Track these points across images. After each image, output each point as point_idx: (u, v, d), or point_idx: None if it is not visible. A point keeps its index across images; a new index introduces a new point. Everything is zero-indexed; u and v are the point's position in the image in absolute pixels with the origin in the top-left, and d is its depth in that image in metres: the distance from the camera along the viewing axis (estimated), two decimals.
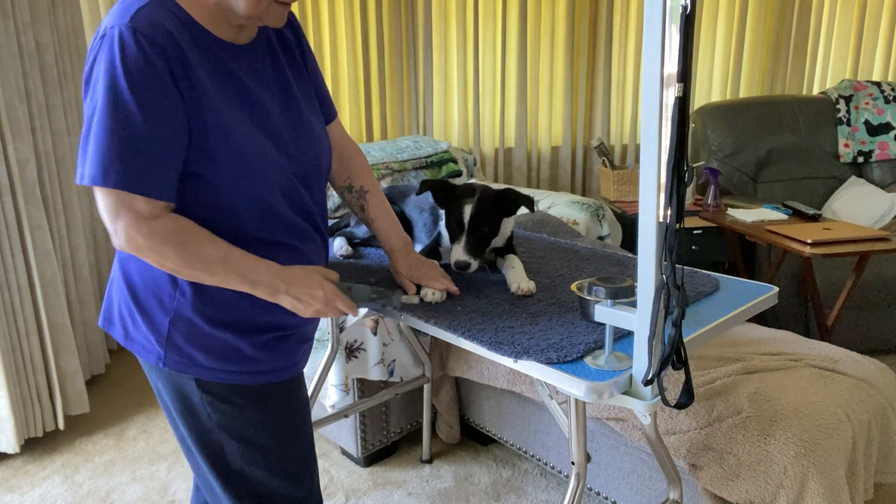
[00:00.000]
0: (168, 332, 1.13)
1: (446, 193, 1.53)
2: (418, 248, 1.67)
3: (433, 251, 1.60)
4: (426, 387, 2.24)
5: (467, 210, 1.46)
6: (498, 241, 1.55)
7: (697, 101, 4.18)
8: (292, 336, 1.22)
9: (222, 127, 1.06)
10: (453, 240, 1.50)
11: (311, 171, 1.23)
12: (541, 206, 3.01)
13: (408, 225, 1.74)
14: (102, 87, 0.99)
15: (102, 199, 1.02)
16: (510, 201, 1.52)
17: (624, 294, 1.11)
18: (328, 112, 1.37)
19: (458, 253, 1.46)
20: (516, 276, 1.46)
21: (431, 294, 1.40)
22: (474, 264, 1.46)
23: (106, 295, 1.24)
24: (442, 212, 1.60)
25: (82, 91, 1.06)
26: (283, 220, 1.17)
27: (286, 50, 1.25)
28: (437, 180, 1.53)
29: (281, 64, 1.22)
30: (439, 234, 1.61)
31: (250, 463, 1.20)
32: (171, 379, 1.17)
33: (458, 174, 3.16)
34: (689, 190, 3.39)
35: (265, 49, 1.20)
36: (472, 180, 1.67)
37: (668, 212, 0.95)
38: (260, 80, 1.16)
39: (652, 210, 0.96)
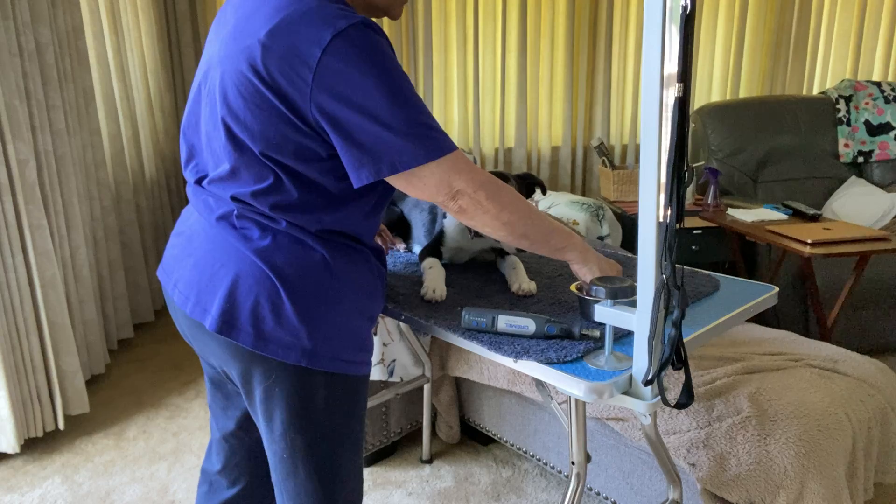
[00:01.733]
0: (322, 323, 1.12)
1: None
2: (417, 248, 1.67)
3: (434, 249, 1.60)
4: (426, 387, 2.24)
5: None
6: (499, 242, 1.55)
7: (697, 101, 4.18)
8: None
9: None
10: None
11: None
12: (541, 206, 3.01)
13: (407, 226, 1.74)
14: (387, 79, 1.02)
15: (430, 175, 1.08)
16: (530, 184, 1.58)
17: (624, 294, 1.11)
18: None
19: None
20: (517, 276, 1.46)
21: (431, 293, 1.40)
22: None
23: (224, 298, 1.12)
24: (448, 218, 1.59)
25: (325, 100, 1.03)
26: (383, 206, 1.25)
27: None
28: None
29: None
30: (441, 233, 1.61)
31: (347, 463, 1.21)
32: (298, 380, 1.13)
33: None
34: (689, 190, 3.39)
35: None
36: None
37: (668, 212, 0.95)
38: None
39: (652, 210, 0.96)
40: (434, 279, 1.45)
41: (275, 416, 1.17)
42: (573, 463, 1.31)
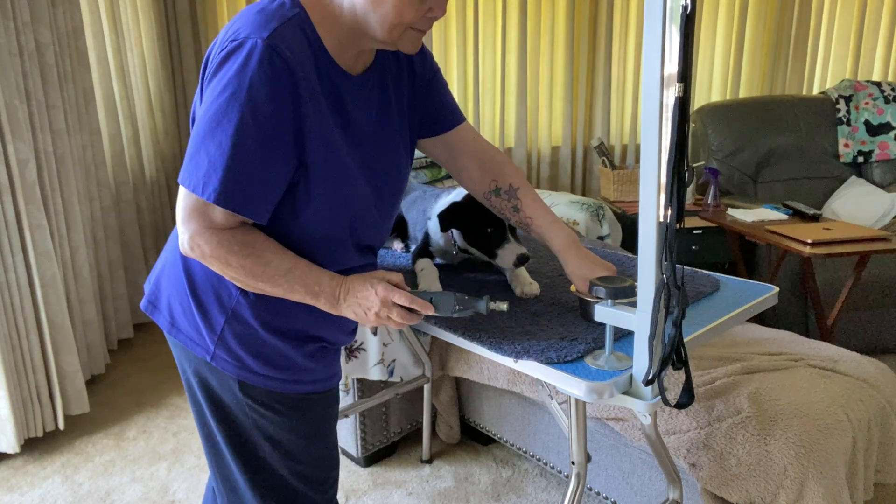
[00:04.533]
0: (221, 331, 1.12)
1: (467, 212, 1.46)
2: (413, 248, 1.66)
3: (425, 250, 1.60)
4: (426, 387, 2.24)
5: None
6: None
7: (697, 101, 4.18)
8: (331, 348, 1.22)
9: (326, 157, 1.06)
10: (495, 245, 1.42)
11: (392, 205, 1.24)
12: None
13: (405, 225, 1.74)
14: (226, 96, 0.97)
15: (182, 199, 1.02)
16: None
17: (624, 294, 1.11)
18: (454, 119, 1.33)
19: (517, 248, 1.40)
20: (519, 280, 1.46)
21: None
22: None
23: (153, 279, 1.21)
24: (432, 220, 1.56)
25: (201, 83, 1.04)
26: (348, 252, 1.16)
27: (400, 82, 1.22)
28: (449, 209, 1.46)
29: (388, 98, 1.19)
30: (427, 234, 1.59)
31: (280, 465, 1.19)
32: (213, 375, 1.15)
33: None
34: (689, 190, 3.39)
35: (376, 82, 1.17)
36: (448, 189, 1.61)
37: (668, 212, 0.95)
38: (364, 114, 1.14)
39: (652, 210, 0.96)
40: (428, 280, 1.45)
41: (200, 402, 1.19)
42: (573, 463, 1.31)
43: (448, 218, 1.49)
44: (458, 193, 1.54)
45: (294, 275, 1.07)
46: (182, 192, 1.01)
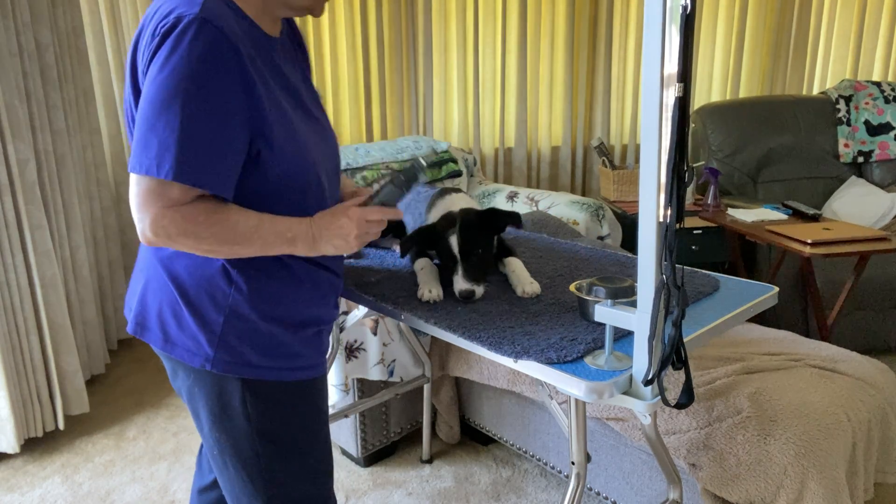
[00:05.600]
0: (222, 331, 1.11)
1: (428, 237, 1.47)
2: None
3: (422, 252, 1.60)
4: (426, 387, 2.24)
5: (453, 241, 1.42)
6: None
7: (697, 101, 4.18)
8: (324, 330, 1.24)
9: (278, 121, 1.07)
10: (449, 274, 1.44)
11: (336, 166, 1.27)
12: (541, 206, 3.02)
13: (403, 226, 1.74)
14: (167, 76, 0.96)
15: (135, 186, 1.00)
16: (496, 220, 1.48)
17: (624, 294, 1.11)
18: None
19: (460, 283, 1.40)
20: (520, 279, 1.46)
21: (428, 293, 1.40)
22: (479, 290, 1.40)
23: (137, 301, 1.18)
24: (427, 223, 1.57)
25: (132, 74, 1.05)
26: (327, 203, 1.19)
27: (298, 47, 1.28)
28: (411, 235, 1.47)
29: (300, 59, 1.26)
30: None
31: (283, 465, 1.20)
32: (213, 382, 1.15)
33: (459, 174, 3.16)
34: (689, 190, 3.39)
35: (289, 44, 1.22)
36: (452, 196, 1.63)
37: (668, 212, 0.95)
38: (294, 73, 1.18)
39: (652, 210, 0.96)
40: (427, 280, 1.45)
41: (200, 414, 1.19)
42: (573, 463, 1.31)
43: (411, 244, 1.49)
44: (437, 211, 1.55)
45: (264, 228, 1.07)
46: (133, 179, 1.00)
